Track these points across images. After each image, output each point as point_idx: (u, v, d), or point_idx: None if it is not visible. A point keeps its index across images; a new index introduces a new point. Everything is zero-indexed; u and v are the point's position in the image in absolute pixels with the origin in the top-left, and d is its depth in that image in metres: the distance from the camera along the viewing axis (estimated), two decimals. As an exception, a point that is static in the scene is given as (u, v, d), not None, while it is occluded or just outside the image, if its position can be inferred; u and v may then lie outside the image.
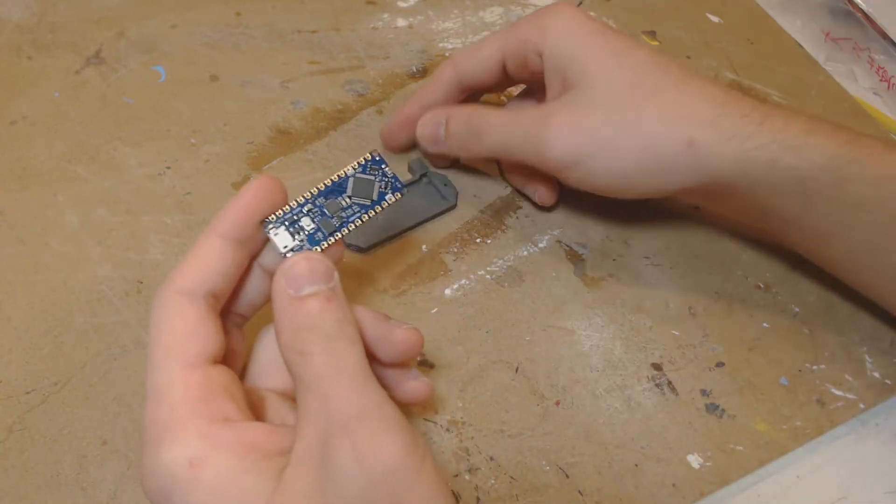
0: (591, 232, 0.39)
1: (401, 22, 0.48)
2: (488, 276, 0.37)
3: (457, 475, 0.31)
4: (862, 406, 0.34)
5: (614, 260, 0.38)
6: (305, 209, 0.28)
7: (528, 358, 0.34)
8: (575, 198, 0.39)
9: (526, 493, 0.30)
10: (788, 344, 0.36)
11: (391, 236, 0.37)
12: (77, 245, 0.35)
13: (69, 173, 0.38)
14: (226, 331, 0.26)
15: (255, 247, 0.27)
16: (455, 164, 0.40)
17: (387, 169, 0.30)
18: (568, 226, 0.39)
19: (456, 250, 0.37)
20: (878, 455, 0.34)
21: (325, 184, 0.29)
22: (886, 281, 0.33)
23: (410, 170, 0.40)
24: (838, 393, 0.35)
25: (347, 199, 0.29)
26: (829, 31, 0.52)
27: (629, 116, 0.31)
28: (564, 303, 0.36)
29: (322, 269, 0.24)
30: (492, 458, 0.31)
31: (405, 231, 0.38)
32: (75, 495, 0.29)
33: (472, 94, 0.39)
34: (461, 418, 0.32)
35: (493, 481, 0.31)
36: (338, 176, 0.29)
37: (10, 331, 0.32)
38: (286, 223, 0.27)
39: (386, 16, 0.48)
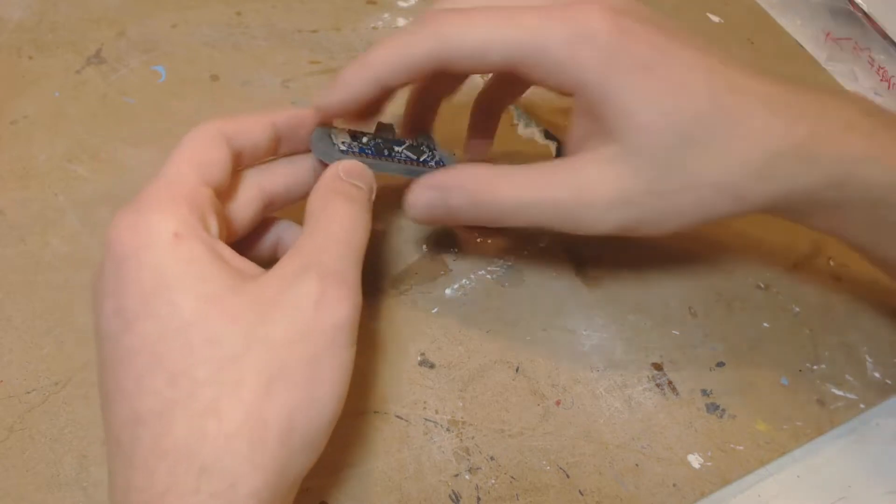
0: (591, 232, 0.39)
1: (401, 22, 0.48)
2: (489, 276, 0.37)
3: (457, 475, 0.31)
4: (862, 406, 0.34)
5: (615, 260, 0.38)
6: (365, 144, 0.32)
7: (529, 358, 0.34)
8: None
9: (526, 492, 0.30)
10: (789, 344, 0.36)
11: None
12: (78, 245, 0.35)
13: (69, 173, 0.38)
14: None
15: (281, 149, 0.31)
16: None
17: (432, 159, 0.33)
18: (568, 226, 0.39)
19: (456, 250, 0.37)
20: (879, 455, 0.34)
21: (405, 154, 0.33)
22: None
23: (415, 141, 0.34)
24: (839, 393, 0.35)
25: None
26: (829, 30, 0.52)
27: (680, 181, 0.28)
28: (565, 303, 0.36)
29: (368, 177, 0.30)
30: (492, 458, 0.31)
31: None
32: (76, 495, 0.29)
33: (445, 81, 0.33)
34: (461, 418, 0.32)
35: (493, 481, 0.31)
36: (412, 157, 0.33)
37: (10, 331, 0.32)
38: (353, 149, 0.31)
39: (386, 15, 0.48)
